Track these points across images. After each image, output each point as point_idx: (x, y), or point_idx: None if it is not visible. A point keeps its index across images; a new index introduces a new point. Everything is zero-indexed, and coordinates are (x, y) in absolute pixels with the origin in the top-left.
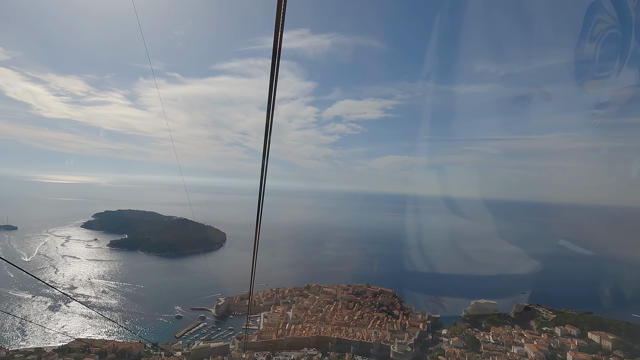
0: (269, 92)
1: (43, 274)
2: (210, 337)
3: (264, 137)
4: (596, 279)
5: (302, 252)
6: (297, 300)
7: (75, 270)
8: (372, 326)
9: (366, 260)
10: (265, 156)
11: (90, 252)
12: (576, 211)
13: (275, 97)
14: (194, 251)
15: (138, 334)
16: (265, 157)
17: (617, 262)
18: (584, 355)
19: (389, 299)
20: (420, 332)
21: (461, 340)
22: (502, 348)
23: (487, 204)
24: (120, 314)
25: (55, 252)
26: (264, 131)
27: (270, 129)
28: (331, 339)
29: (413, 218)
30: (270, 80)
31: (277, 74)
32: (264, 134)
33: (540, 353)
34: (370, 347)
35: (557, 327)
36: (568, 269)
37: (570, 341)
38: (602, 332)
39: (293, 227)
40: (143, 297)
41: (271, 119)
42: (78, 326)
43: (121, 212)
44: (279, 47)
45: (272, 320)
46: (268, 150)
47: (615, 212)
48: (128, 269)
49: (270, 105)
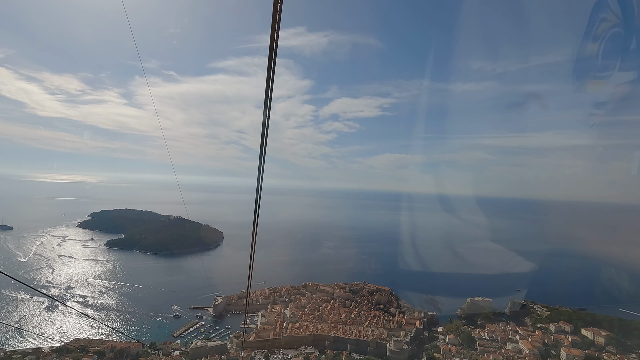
0: (265, 90)
1: (39, 274)
2: (208, 336)
3: (261, 135)
4: (590, 276)
5: (300, 251)
6: (295, 298)
7: (72, 271)
8: (369, 324)
9: (363, 259)
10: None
11: (86, 252)
12: (571, 209)
13: (272, 95)
14: (191, 250)
15: (132, 334)
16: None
17: (610, 259)
18: (577, 351)
19: (386, 297)
20: (416, 329)
21: (457, 338)
22: (497, 345)
23: (483, 202)
24: (117, 314)
25: (51, 252)
26: (260, 129)
27: (267, 126)
28: (328, 337)
29: (409, 216)
30: (267, 78)
31: (274, 71)
32: (261, 132)
33: (534, 349)
34: (367, 345)
35: (552, 324)
36: (563, 265)
37: (564, 337)
38: (595, 329)
39: (290, 226)
40: (140, 297)
41: (268, 116)
42: (76, 326)
43: (118, 211)
44: (275, 45)
45: (269, 319)
46: (265, 148)
47: (610, 209)
48: (125, 268)
49: (268, 103)
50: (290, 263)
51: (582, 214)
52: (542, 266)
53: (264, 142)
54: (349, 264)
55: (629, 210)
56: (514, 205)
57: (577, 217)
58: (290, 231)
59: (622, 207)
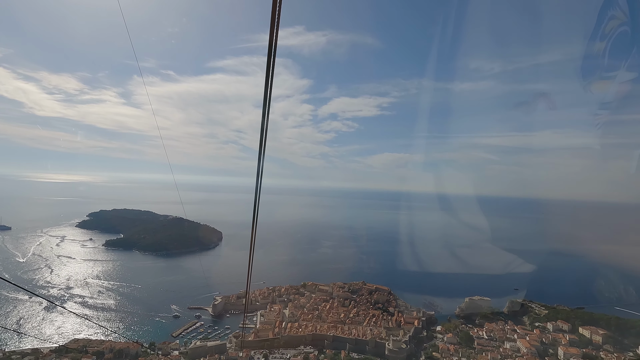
0: (264, 89)
1: (38, 275)
2: (207, 336)
3: (260, 134)
4: (588, 275)
5: (299, 251)
6: (294, 298)
7: (71, 271)
8: (368, 323)
9: (362, 258)
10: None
11: (85, 252)
12: (570, 208)
13: (271, 95)
14: (190, 250)
15: (131, 335)
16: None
17: (608, 258)
18: (574, 350)
19: (385, 296)
20: (415, 329)
21: (455, 337)
22: (495, 344)
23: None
24: (116, 314)
25: (50, 253)
26: (259, 129)
27: (267, 126)
28: (327, 337)
29: (408, 216)
30: (266, 78)
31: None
32: (259, 132)
33: (532, 348)
34: (366, 345)
35: (549, 323)
36: (561, 264)
37: (562, 336)
38: (592, 327)
39: (289, 226)
40: (139, 297)
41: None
42: (75, 326)
43: (116, 211)
44: (274, 44)
45: (268, 319)
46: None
47: (608, 208)
48: (124, 268)
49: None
50: (289, 263)
51: (580, 213)
52: (541, 265)
53: (263, 142)
54: (347, 264)
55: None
56: (513, 204)
57: (575, 216)
58: (289, 231)
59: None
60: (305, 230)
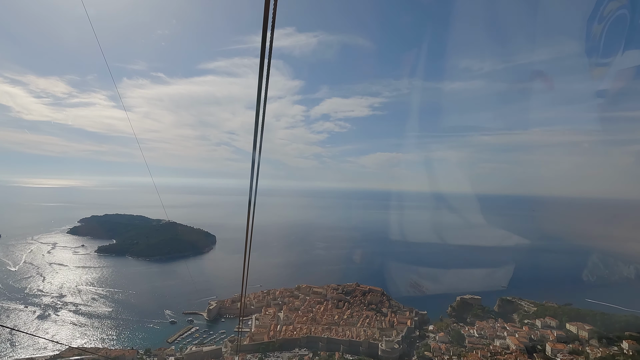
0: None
1: (31, 283)
2: (203, 340)
3: (254, 136)
4: (577, 271)
5: (292, 253)
6: (288, 301)
7: (64, 278)
8: (362, 325)
9: (355, 259)
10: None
11: (78, 259)
12: (560, 204)
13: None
14: (184, 255)
15: (126, 341)
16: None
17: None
18: (562, 346)
19: (378, 297)
20: (407, 328)
21: (447, 335)
22: (486, 341)
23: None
24: (111, 321)
25: (41, 260)
26: (252, 130)
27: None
28: (321, 339)
29: (401, 215)
30: (259, 79)
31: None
32: (252, 133)
33: (521, 345)
34: (360, 346)
35: (538, 320)
36: (551, 260)
37: (550, 332)
38: (579, 323)
39: (283, 227)
40: (134, 303)
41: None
42: (70, 334)
43: (108, 216)
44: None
45: (263, 322)
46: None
47: (599, 204)
48: (117, 274)
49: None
50: (283, 265)
51: (571, 210)
52: (531, 262)
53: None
54: (341, 265)
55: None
56: (504, 201)
57: (566, 213)
58: (283, 232)
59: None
60: (299, 232)
